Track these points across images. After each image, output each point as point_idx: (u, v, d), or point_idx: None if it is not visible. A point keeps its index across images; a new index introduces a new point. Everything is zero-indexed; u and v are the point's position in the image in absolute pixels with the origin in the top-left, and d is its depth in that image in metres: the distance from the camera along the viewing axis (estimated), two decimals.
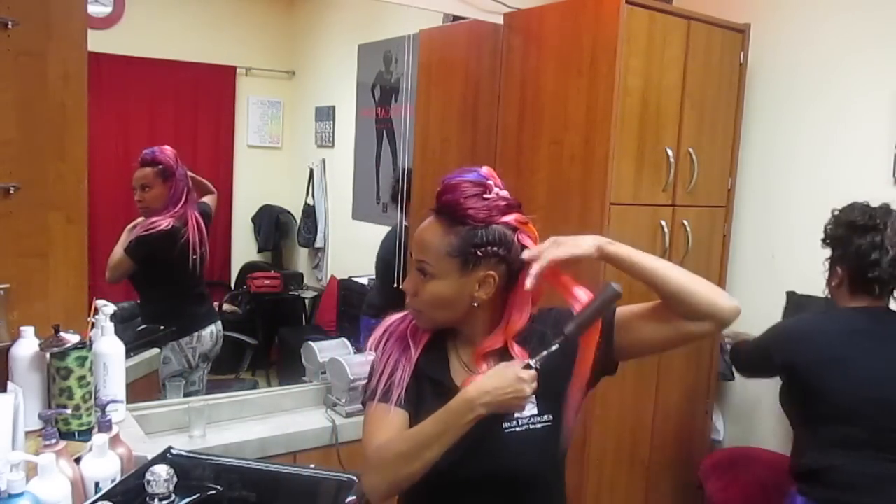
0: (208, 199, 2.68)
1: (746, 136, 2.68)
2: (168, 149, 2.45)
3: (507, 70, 2.57)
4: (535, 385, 1.14)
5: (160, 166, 2.42)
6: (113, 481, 1.28)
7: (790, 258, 2.64)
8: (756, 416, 2.74)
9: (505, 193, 1.24)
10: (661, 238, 2.38)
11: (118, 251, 2.41)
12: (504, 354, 1.25)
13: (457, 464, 1.20)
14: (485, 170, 1.25)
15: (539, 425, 1.24)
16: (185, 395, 2.39)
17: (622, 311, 1.28)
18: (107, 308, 1.67)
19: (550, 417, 1.25)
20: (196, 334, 2.52)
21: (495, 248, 1.21)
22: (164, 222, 2.40)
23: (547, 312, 1.33)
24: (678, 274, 1.21)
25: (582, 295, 1.19)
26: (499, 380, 1.14)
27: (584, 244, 1.20)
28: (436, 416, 1.15)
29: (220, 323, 2.63)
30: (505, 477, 1.24)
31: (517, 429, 1.23)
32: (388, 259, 2.75)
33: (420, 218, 1.30)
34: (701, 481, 2.54)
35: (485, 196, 1.21)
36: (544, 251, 1.19)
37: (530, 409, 1.24)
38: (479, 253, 1.20)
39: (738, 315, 1.23)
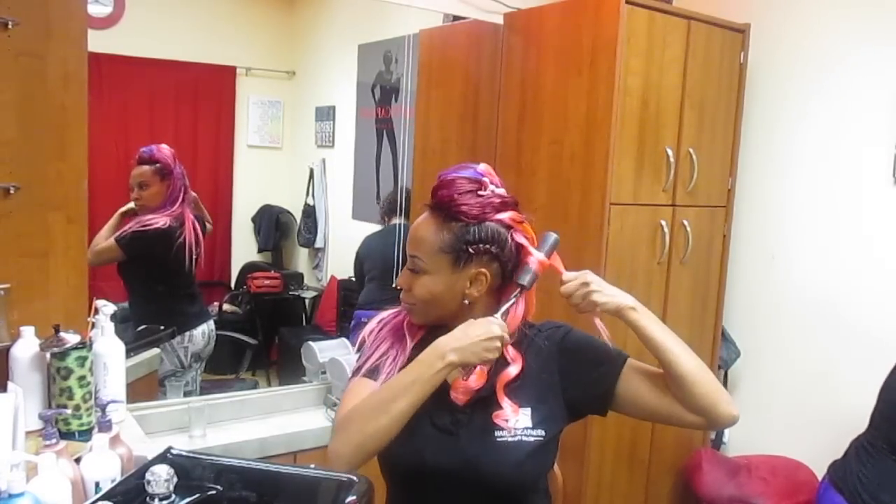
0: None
1: (746, 136, 2.68)
2: (166, 147, 2.43)
3: (507, 70, 2.57)
4: (505, 334, 1.16)
5: (158, 164, 2.40)
6: (113, 481, 1.27)
7: (790, 258, 2.64)
8: (765, 421, 2.71)
9: (501, 191, 1.24)
10: (661, 238, 2.36)
11: (107, 238, 2.36)
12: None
13: (445, 467, 1.20)
14: (482, 167, 1.26)
15: (531, 438, 1.24)
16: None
17: (634, 362, 1.28)
18: (107, 308, 1.67)
19: (543, 433, 1.25)
20: (187, 334, 2.50)
21: (488, 246, 1.21)
22: (161, 221, 2.37)
23: (544, 324, 1.34)
24: (689, 361, 1.20)
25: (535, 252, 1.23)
26: (468, 327, 1.15)
27: (613, 302, 1.20)
28: (406, 369, 1.16)
29: (212, 322, 2.61)
30: (488, 484, 1.22)
31: (509, 439, 1.22)
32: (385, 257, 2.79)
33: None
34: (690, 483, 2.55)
35: (479, 193, 1.21)
36: (589, 295, 1.20)
37: (524, 421, 1.23)
38: (470, 250, 1.20)
39: (733, 424, 1.23)
